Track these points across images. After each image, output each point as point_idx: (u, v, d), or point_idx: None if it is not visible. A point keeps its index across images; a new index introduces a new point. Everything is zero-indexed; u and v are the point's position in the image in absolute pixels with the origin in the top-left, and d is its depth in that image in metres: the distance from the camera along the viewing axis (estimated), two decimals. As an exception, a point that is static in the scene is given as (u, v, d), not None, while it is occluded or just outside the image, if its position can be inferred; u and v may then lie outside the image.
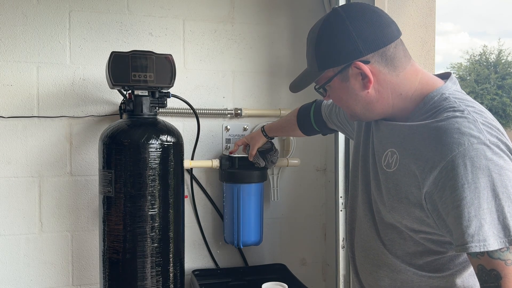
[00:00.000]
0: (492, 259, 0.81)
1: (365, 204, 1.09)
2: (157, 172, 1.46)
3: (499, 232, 0.81)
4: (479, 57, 22.33)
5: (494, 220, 0.81)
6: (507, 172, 0.83)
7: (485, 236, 0.81)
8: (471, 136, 0.84)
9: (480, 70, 21.24)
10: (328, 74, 1.02)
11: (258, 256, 1.99)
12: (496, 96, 20.27)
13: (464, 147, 0.83)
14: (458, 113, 0.88)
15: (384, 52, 0.97)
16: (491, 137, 0.85)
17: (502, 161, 0.83)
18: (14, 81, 1.70)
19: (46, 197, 1.75)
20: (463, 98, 0.94)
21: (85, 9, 1.76)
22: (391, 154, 1.00)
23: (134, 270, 1.45)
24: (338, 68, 0.99)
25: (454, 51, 72.51)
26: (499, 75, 20.95)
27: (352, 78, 0.99)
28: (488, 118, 0.90)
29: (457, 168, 0.83)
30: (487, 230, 0.81)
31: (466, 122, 0.86)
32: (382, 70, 0.97)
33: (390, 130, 1.03)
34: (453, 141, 0.85)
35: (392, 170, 0.98)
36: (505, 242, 0.80)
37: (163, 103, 1.57)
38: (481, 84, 20.79)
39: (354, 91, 1.00)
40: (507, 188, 0.82)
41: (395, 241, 1.02)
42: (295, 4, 2.00)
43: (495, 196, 0.81)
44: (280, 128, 1.71)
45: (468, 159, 0.82)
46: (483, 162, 0.82)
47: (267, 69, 1.98)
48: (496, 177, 0.82)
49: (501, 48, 26.12)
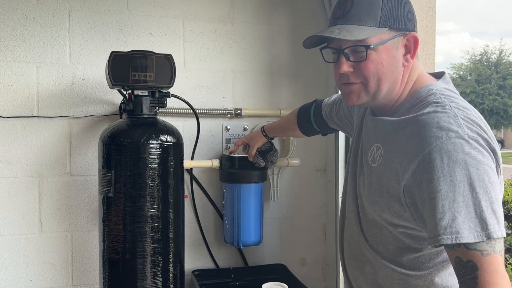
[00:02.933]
0: (469, 250, 0.81)
1: (352, 200, 1.11)
2: (157, 172, 1.46)
3: (476, 226, 0.81)
4: (480, 57, 22.31)
5: (470, 213, 0.81)
6: (485, 166, 0.83)
7: (458, 229, 0.81)
8: (450, 130, 0.85)
9: (481, 70, 21.21)
10: (384, 36, 0.96)
11: (258, 256, 1.99)
12: (497, 96, 20.23)
13: (442, 140, 0.84)
14: (439, 108, 0.89)
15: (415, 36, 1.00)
16: (471, 132, 0.85)
17: (481, 155, 0.84)
18: (14, 81, 1.70)
19: (46, 197, 1.75)
20: (449, 95, 0.94)
21: (85, 9, 1.76)
22: (376, 149, 1.01)
23: (134, 270, 1.45)
24: (396, 33, 0.97)
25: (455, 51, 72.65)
26: (501, 75, 20.91)
27: (402, 48, 0.98)
28: (471, 115, 0.89)
29: (434, 161, 0.84)
30: (461, 222, 0.81)
31: (445, 117, 0.87)
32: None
33: (375, 126, 1.04)
34: (431, 134, 0.86)
35: (376, 165, 0.99)
36: (482, 235, 0.80)
37: (163, 103, 1.57)
38: (482, 84, 20.76)
39: (397, 63, 0.98)
40: (484, 182, 0.82)
41: (376, 237, 1.03)
42: (295, 4, 2.00)
43: (472, 190, 0.82)
44: (280, 129, 1.71)
45: (445, 153, 0.83)
46: (460, 156, 0.83)
47: (267, 69, 1.98)
48: (473, 171, 0.82)
49: (502, 48, 26.09)
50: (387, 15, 0.95)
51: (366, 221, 1.05)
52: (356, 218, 1.09)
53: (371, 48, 0.94)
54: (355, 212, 1.09)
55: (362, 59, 0.96)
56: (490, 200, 0.82)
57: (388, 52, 0.96)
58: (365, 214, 1.05)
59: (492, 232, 0.80)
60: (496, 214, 0.82)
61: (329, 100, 1.48)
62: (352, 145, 1.17)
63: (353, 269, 1.12)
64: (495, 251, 0.80)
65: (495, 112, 20.17)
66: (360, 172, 1.07)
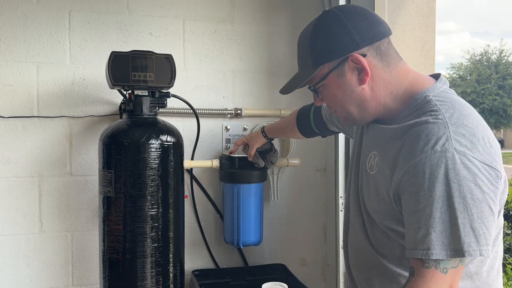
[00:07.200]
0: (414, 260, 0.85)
1: (356, 205, 1.10)
2: (157, 172, 1.46)
3: (450, 243, 0.81)
4: (480, 57, 22.31)
5: (446, 230, 0.81)
6: (468, 182, 0.81)
7: (429, 245, 0.82)
8: (437, 143, 0.83)
9: (481, 70, 21.22)
10: (323, 71, 0.99)
11: (258, 256, 1.99)
12: (497, 96, 20.23)
13: (426, 154, 0.83)
14: (431, 118, 0.87)
15: (379, 47, 0.97)
16: (459, 146, 0.83)
17: (466, 171, 0.81)
18: (14, 81, 1.70)
19: (46, 197, 1.75)
20: (445, 101, 0.92)
21: (85, 9, 1.76)
22: (373, 156, 1.01)
23: (134, 270, 1.45)
24: (334, 63, 0.97)
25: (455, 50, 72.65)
26: (500, 75, 20.92)
27: (349, 73, 0.97)
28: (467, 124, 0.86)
29: (417, 175, 0.84)
30: (433, 239, 0.81)
31: (435, 129, 0.85)
32: (377, 65, 0.97)
33: (374, 133, 1.04)
34: (418, 147, 0.85)
35: (373, 173, 0.99)
36: (452, 254, 0.81)
37: (163, 103, 1.57)
38: (482, 84, 20.75)
39: (350, 87, 0.98)
40: (465, 199, 0.81)
41: (381, 242, 1.03)
42: (295, 4, 2.00)
43: (449, 206, 0.81)
44: (279, 130, 1.71)
45: (428, 167, 0.83)
46: (442, 171, 0.81)
47: (267, 69, 1.98)
48: (454, 187, 0.81)
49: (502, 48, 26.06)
50: (317, 53, 0.98)
51: (371, 226, 1.05)
52: (361, 223, 1.08)
53: (318, 86, 1.02)
54: (359, 216, 1.08)
55: (321, 96, 1.06)
56: (470, 218, 0.81)
57: (336, 81, 0.99)
58: (369, 219, 1.04)
59: (465, 250, 0.80)
60: (475, 232, 0.81)
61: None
62: (354, 149, 1.17)
63: (359, 274, 1.12)
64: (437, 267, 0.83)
65: (494, 112, 20.16)
66: (361, 179, 1.07)
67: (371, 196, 1.00)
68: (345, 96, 1.00)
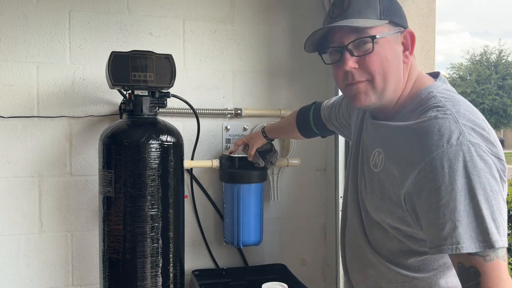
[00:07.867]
0: (471, 256, 0.81)
1: (354, 203, 1.10)
2: (157, 172, 1.46)
3: (478, 235, 0.80)
4: (480, 57, 22.32)
5: (471, 222, 0.80)
6: (487, 174, 0.82)
7: (459, 239, 0.80)
8: (451, 138, 0.83)
9: (481, 70, 21.23)
10: (384, 28, 0.95)
11: (258, 256, 1.99)
12: (496, 96, 20.24)
13: (443, 149, 0.83)
14: (440, 114, 0.87)
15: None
16: (473, 139, 0.83)
17: (482, 163, 0.82)
18: (14, 81, 1.70)
19: (46, 197, 1.75)
20: (449, 97, 0.93)
21: (85, 9, 1.76)
22: (377, 154, 1.00)
23: (134, 270, 1.45)
24: (395, 28, 0.97)
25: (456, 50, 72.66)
26: (500, 75, 20.93)
27: (400, 45, 0.98)
28: (474, 119, 0.87)
29: (435, 170, 0.83)
30: (461, 232, 0.80)
31: (447, 123, 0.85)
32: None
33: (377, 130, 1.03)
34: (432, 142, 0.84)
35: (378, 170, 0.99)
36: (483, 246, 0.80)
37: (163, 103, 1.57)
38: (482, 84, 20.77)
39: (399, 58, 0.97)
40: (486, 191, 0.81)
41: (380, 240, 1.02)
42: (295, 4, 2.00)
43: (472, 198, 0.81)
44: (279, 130, 1.71)
45: (446, 161, 0.82)
46: (461, 164, 0.81)
47: (267, 69, 1.98)
48: (474, 179, 0.81)
49: (501, 48, 26.07)
50: (386, 8, 0.95)
51: (369, 225, 1.04)
52: (359, 222, 1.08)
53: (376, 39, 0.93)
54: (358, 215, 1.08)
55: (368, 51, 0.94)
56: (491, 209, 0.81)
57: (391, 46, 0.95)
58: (368, 217, 1.04)
59: (494, 241, 0.80)
60: (496, 223, 0.81)
61: (328, 102, 1.47)
62: (352, 148, 1.16)
63: (356, 272, 1.12)
64: (498, 256, 0.80)
65: (494, 112, 20.17)
66: (361, 176, 1.07)
67: (374, 194, 1.00)
68: (393, 64, 0.95)
